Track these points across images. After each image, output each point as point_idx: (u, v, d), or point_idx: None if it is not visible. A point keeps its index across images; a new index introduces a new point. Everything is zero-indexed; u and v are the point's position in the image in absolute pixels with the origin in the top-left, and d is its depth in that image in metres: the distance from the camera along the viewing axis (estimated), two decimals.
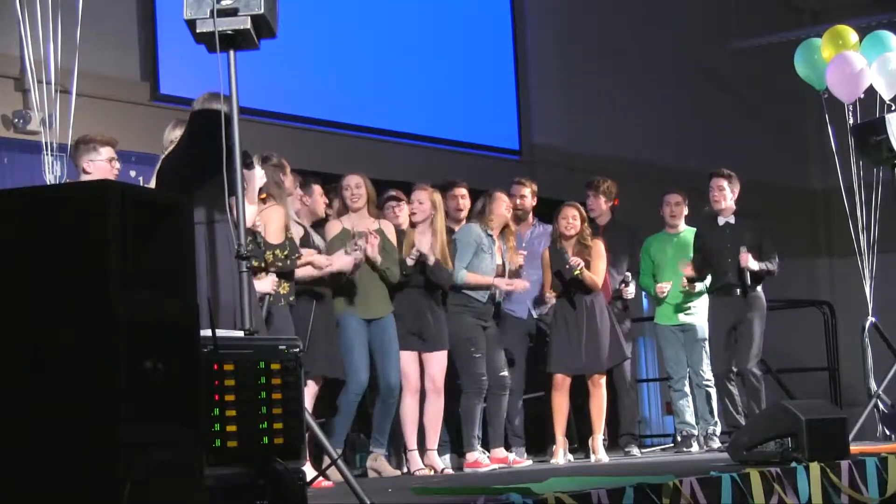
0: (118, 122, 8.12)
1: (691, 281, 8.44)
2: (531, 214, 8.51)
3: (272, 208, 6.27)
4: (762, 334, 8.22)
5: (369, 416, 7.48)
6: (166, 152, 5.74)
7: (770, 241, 8.32)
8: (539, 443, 8.62)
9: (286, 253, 6.27)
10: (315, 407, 6.69)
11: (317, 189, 7.21)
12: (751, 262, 8.12)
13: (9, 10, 6.84)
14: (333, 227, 7.21)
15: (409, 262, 7.21)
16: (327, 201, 7.34)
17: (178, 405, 3.43)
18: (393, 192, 7.71)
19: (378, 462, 7.16)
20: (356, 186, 7.21)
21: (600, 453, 7.90)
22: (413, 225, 7.37)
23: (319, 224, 7.28)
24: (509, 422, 8.04)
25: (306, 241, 6.75)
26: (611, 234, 8.59)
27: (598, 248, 7.96)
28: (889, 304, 9.35)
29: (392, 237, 7.29)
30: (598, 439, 7.95)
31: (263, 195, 6.22)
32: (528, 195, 8.40)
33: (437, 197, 7.46)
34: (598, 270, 7.89)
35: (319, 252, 6.83)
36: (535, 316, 8.27)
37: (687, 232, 8.71)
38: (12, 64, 7.80)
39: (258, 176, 5.80)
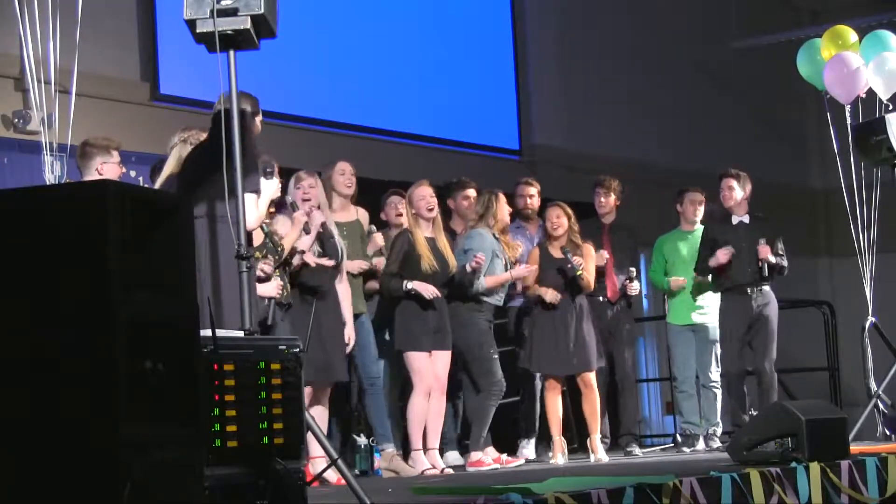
0: (118, 122, 8.12)
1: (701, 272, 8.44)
2: (537, 214, 8.52)
3: None
4: (776, 332, 8.23)
5: (363, 416, 7.49)
6: (172, 157, 5.74)
7: (782, 242, 8.33)
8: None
9: (265, 252, 6.29)
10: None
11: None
12: (769, 254, 8.13)
13: (9, 10, 6.84)
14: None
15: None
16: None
17: (178, 405, 3.43)
18: (396, 190, 7.73)
19: (394, 462, 7.14)
20: (351, 174, 7.30)
21: (599, 453, 7.90)
22: (425, 220, 7.36)
23: None
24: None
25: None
26: (615, 234, 8.62)
27: (589, 249, 7.97)
28: (889, 304, 9.34)
29: (366, 224, 7.38)
30: (596, 439, 7.95)
31: (272, 209, 6.21)
32: (535, 195, 8.44)
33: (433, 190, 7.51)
34: (590, 271, 7.90)
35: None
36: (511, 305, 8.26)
37: (700, 230, 8.70)
38: (12, 64, 7.80)
39: (274, 187, 5.76)
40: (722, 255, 8.20)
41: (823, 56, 8.95)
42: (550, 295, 7.82)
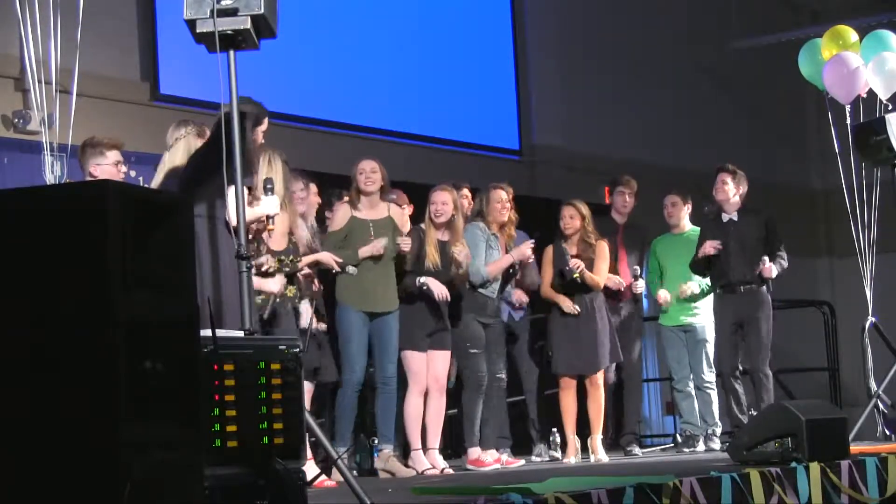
0: (118, 122, 8.12)
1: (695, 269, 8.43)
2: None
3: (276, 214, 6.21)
4: (770, 332, 8.23)
5: (369, 414, 7.48)
6: (172, 151, 5.72)
7: (774, 233, 8.32)
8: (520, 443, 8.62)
9: (291, 258, 6.31)
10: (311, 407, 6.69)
11: (312, 188, 7.22)
12: (773, 272, 8.14)
13: (9, 10, 6.84)
14: (343, 214, 7.18)
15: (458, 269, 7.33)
16: (320, 200, 7.35)
17: (178, 405, 3.43)
18: (394, 196, 7.72)
19: (390, 463, 7.13)
20: (371, 171, 7.23)
21: (600, 453, 7.90)
22: (436, 226, 7.36)
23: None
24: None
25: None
26: (628, 233, 8.64)
27: (602, 248, 7.95)
28: (889, 304, 9.34)
29: (401, 225, 7.34)
30: (597, 439, 7.95)
31: (271, 227, 6.20)
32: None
33: (456, 196, 7.48)
34: (600, 271, 7.89)
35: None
36: (516, 319, 8.27)
37: (692, 231, 8.70)
38: (12, 64, 7.81)
39: (274, 204, 5.72)
40: (708, 247, 8.22)
41: (824, 56, 8.94)
42: (567, 305, 7.85)
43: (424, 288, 7.19)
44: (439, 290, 7.19)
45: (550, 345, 8.01)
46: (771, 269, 8.13)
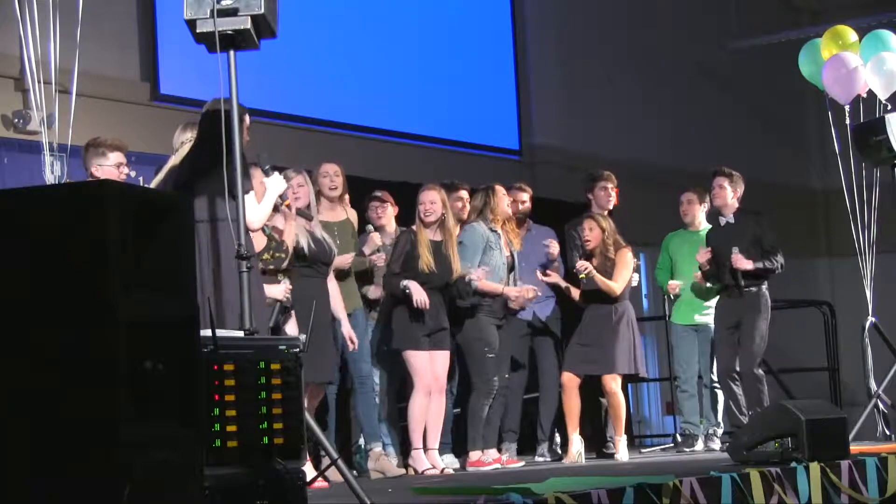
0: (118, 122, 8.12)
1: (705, 276, 8.41)
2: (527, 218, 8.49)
3: None
4: (765, 334, 8.19)
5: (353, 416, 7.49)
6: (177, 154, 5.72)
7: (772, 237, 8.28)
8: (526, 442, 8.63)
9: (272, 252, 6.29)
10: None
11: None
12: (742, 263, 8.08)
13: (9, 10, 6.84)
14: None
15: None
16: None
17: (178, 405, 3.44)
18: (378, 193, 7.70)
19: (381, 462, 7.12)
20: (335, 174, 7.24)
21: (621, 453, 7.90)
22: (426, 225, 7.34)
23: None
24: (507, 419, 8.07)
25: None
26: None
27: (623, 255, 7.91)
28: (889, 304, 9.34)
29: (356, 225, 7.38)
30: (619, 441, 7.94)
31: (287, 201, 6.19)
32: (527, 200, 8.39)
33: (445, 196, 7.44)
34: (618, 277, 7.85)
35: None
36: (541, 318, 8.27)
37: (706, 229, 8.69)
38: (12, 64, 7.80)
39: (278, 182, 5.73)
40: (700, 256, 8.23)
41: (824, 56, 8.94)
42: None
43: (407, 291, 7.16)
44: (418, 296, 7.11)
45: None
46: (739, 259, 8.08)
